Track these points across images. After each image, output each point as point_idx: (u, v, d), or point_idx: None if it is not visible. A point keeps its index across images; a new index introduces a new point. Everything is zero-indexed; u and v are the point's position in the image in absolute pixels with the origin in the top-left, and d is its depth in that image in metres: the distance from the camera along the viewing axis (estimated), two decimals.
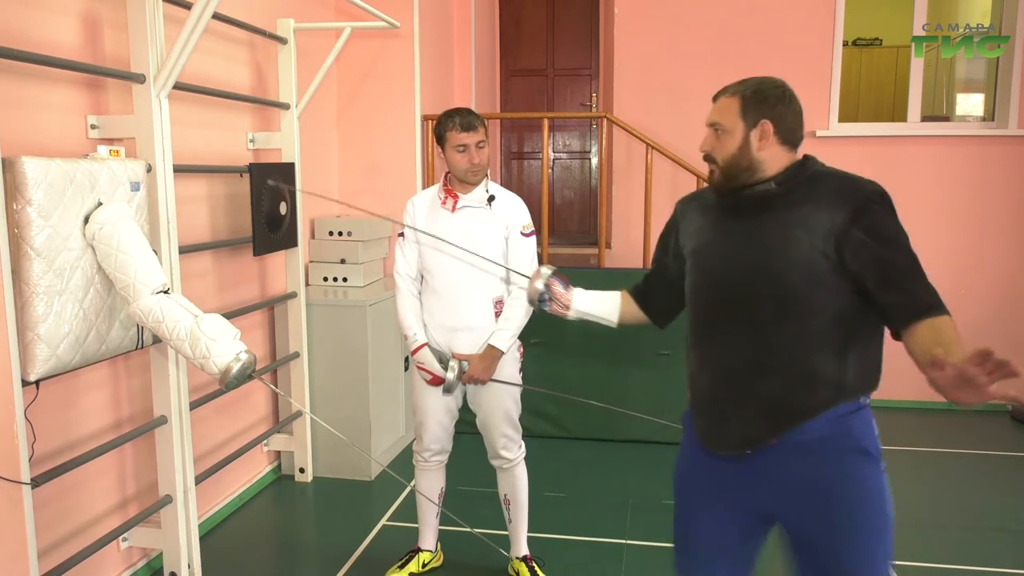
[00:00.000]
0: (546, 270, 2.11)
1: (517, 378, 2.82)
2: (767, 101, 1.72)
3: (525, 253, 2.74)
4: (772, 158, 1.73)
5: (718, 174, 1.78)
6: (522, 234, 2.73)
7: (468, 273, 2.69)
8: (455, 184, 2.74)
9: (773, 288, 1.68)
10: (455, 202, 2.72)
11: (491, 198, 2.72)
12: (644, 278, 2.10)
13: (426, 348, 2.73)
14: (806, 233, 1.65)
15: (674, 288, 1.95)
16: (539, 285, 2.08)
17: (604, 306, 2.10)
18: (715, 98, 1.80)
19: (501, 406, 2.79)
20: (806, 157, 1.77)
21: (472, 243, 2.67)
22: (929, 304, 1.58)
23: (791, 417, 1.70)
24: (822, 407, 1.68)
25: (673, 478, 1.97)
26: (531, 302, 2.13)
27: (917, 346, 1.55)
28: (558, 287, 2.09)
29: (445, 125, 2.66)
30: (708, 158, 1.80)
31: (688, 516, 1.91)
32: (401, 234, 2.79)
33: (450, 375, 2.65)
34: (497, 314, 2.74)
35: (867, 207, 1.63)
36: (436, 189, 2.78)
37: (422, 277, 2.80)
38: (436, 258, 2.72)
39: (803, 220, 1.66)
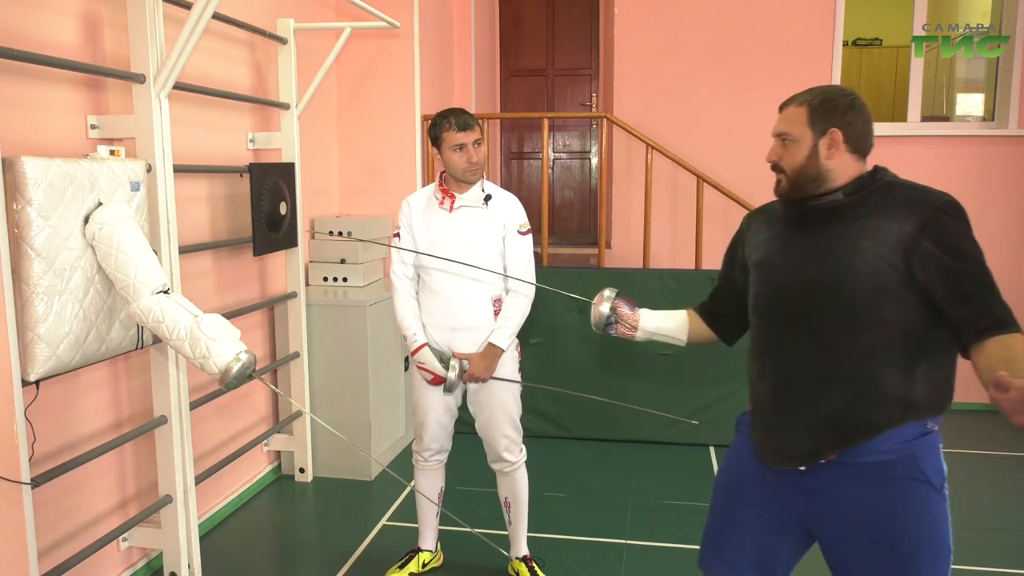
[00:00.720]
0: (609, 292, 2.03)
1: (517, 376, 2.82)
2: (836, 109, 1.69)
3: (522, 252, 2.74)
4: (841, 167, 1.70)
5: (785, 183, 1.75)
6: (519, 233, 2.73)
7: (466, 273, 2.69)
8: (451, 184, 2.74)
9: (838, 299, 1.64)
10: (452, 202, 2.72)
11: (488, 197, 2.72)
12: (710, 295, 2.06)
13: (426, 348, 2.73)
14: (874, 243, 1.61)
15: (743, 302, 1.90)
16: (604, 309, 2.01)
17: (672, 325, 2.04)
18: (781, 108, 1.77)
19: (503, 405, 2.79)
20: (876, 168, 1.74)
21: (469, 242, 2.68)
22: (1000, 320, 1.53)
23: (855, 433, 1.65)
24: (888, 424, 1.64)
25: (717, 477, 1.94)
26: (596, 327, 2.03)
27: (984, 364, 1.50)
28: (624, 308, 2.02)
29: (440, 126, 2.66)
30: (776, 167, 1.77)
31: (728, 522, 1.88)
32: (396, 234, 2.79)
33: (451, 374, 2.66)
34: (496, 313, 2.74)
35: (937, 218, 1.59)
36: (432, 189, 2.78)
37: (419, 276, 2.80)
38: (433, 259, 2.72)
39: (872, 231, 1.63)
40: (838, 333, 1.65)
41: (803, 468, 1.72)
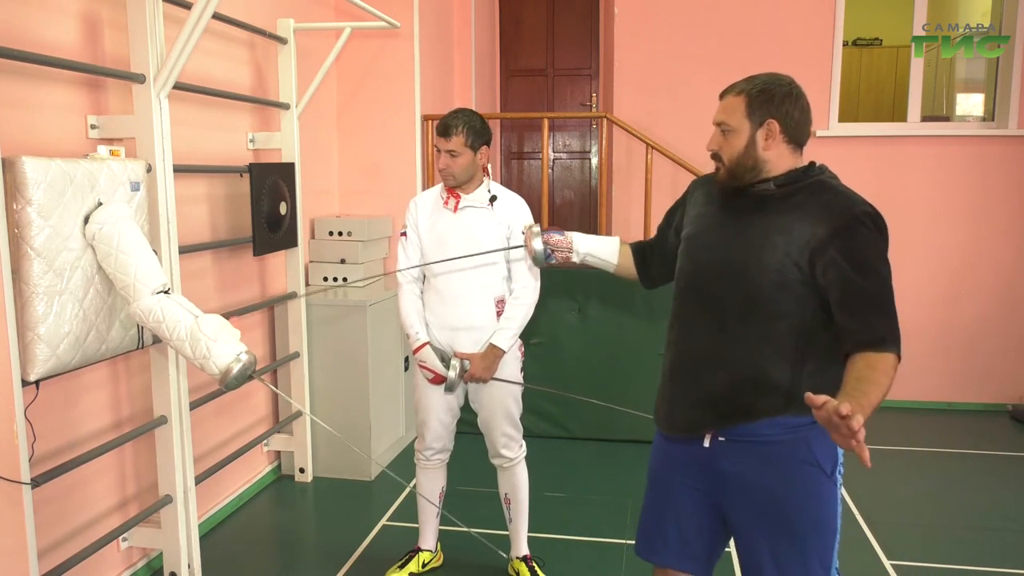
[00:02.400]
0: (536, 228, 2.17)
1: (518, 377, 2.82)
2: (773, 100, 1.70)
3: None
4: (777, 158, 1.72)
5: (724, 172, 1.78)
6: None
7: (470, 272, 2.70)
8: None
9: (742, 287, 1.70)
10: (457, 202, 2.72)
11: (493, 198, 2.72)
12: (648, 241, 2.14)
13: (428, 347, 2.73)
14: (785, 241, 1.65)
15: (668, 260, 1.98)
16: (537, 244, 2.14)
17: (604, 248, 2.14)
18: (722, 96, 1.79)
19: (502, 405, 2.79)
20: (812, 163, 1.75)
21: (473, 243, 2.69)
22: (880, 338, 1.57)
23: (732, 415, 1.73)
24: (766, 413, 1.70)
25: (648, 466, 2.00)
26: (536, 261, 2.18)
27: (846, 374, 1.56)
28: (555, 236, 2.14)
29: (436, 127, 2.69)
30: (715, 156, 1.80)
31: (658, 504, 1.93)
32: (403, 233, 2.80)
33: (452, 374, 2.66)
34: (499, 313, 2.74)
35: (850, 227, 1.62)
36: (439, 189, 2.79)
37: (424, 276, 2.80)
38: (438, 257, 2.72)
39: (787, 227, 1.66)
40: (736, 319, 1.71)
41: (700, 437, 1.78)
